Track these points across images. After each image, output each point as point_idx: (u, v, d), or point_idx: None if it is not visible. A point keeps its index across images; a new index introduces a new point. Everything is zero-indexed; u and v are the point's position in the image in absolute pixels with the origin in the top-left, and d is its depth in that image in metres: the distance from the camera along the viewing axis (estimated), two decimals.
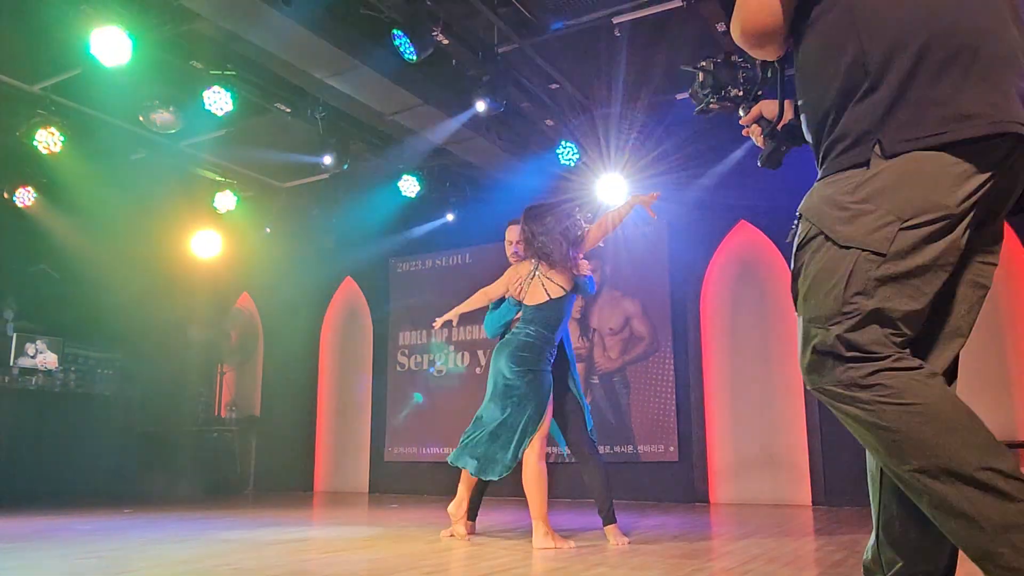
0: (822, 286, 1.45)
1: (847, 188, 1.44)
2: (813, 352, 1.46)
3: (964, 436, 1.32)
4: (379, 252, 8.79)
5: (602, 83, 6.65)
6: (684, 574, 2.90)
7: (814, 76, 1.54)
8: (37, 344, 7.91)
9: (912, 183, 1.39)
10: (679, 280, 7.25)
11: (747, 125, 1.86)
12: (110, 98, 6.10)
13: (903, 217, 1.39)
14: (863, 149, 1.43)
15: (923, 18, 1.40)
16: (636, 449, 7.15)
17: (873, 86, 1.42)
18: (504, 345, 3.99)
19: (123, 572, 3.02)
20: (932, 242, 1.39)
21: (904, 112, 1.39)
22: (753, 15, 1.55)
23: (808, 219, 1.50)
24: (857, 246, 1.41)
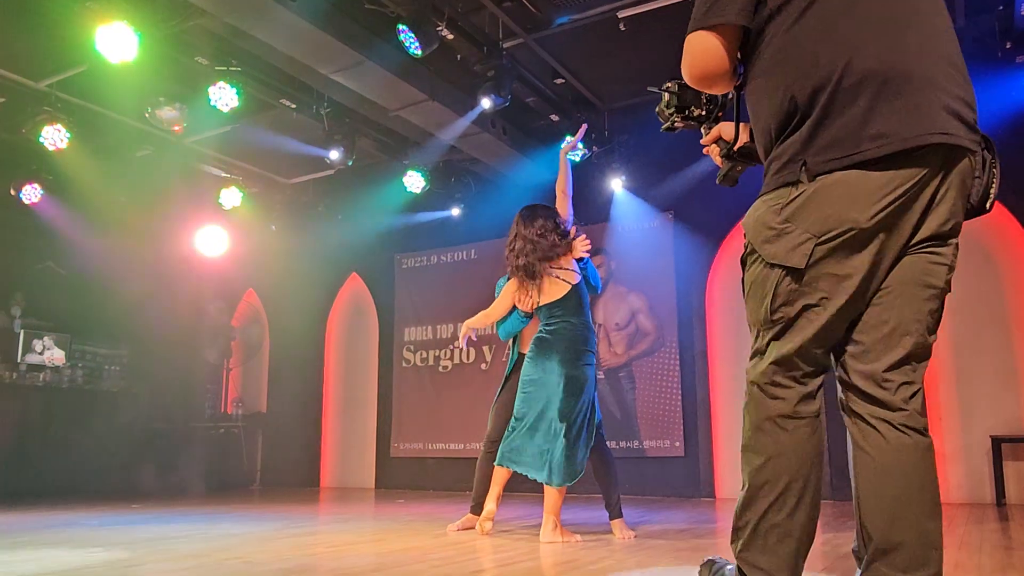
0: (755, 297, 1.68)
1: (774, 208, 1.63)
2: (751, 354, 1.74)
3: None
4: (384, 248, 8.80)
5: (607, 78, 6.64)
6: (690, 566, 2.90)
7: (758, 108, 1.71)
8: (44, 341, 7.94)
9: (828, 201, 1.56)
10: (685, 275, 7.24)
11: (707, 145, 2.02)
12: (116, 95, 6.11)
13: (818, 234, 1.56)
14: (792, 170, 1.60)
15: (839, 54, 1.57)
16: (642, 444, 7.15)
17: (802, 116, 1.59)
18: (550, 343, 3.88)
19: (134, 566, 3.04)
20: (846, 255, 1.57)
21: (824, 137, 1.57)
22: (699, 60, 1.69)
23: (746, 235, 1.70)
24: (780, 263, 1.61)
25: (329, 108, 6.54)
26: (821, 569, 2.86)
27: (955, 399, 6.08)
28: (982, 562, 3.00)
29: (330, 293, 9.25)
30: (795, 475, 1.64)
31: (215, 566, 2.99)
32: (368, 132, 7.09)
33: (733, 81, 1.76)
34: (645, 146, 7.38)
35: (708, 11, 1.67)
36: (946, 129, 1.53)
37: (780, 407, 1.66)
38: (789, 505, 1.64)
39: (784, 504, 1.63)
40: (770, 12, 1.65)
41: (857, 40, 1.57)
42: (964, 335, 6.13)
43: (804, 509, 1.66)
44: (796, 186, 1.60)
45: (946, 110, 1.55)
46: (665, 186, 7.39)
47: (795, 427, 1.65)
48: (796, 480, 1.64)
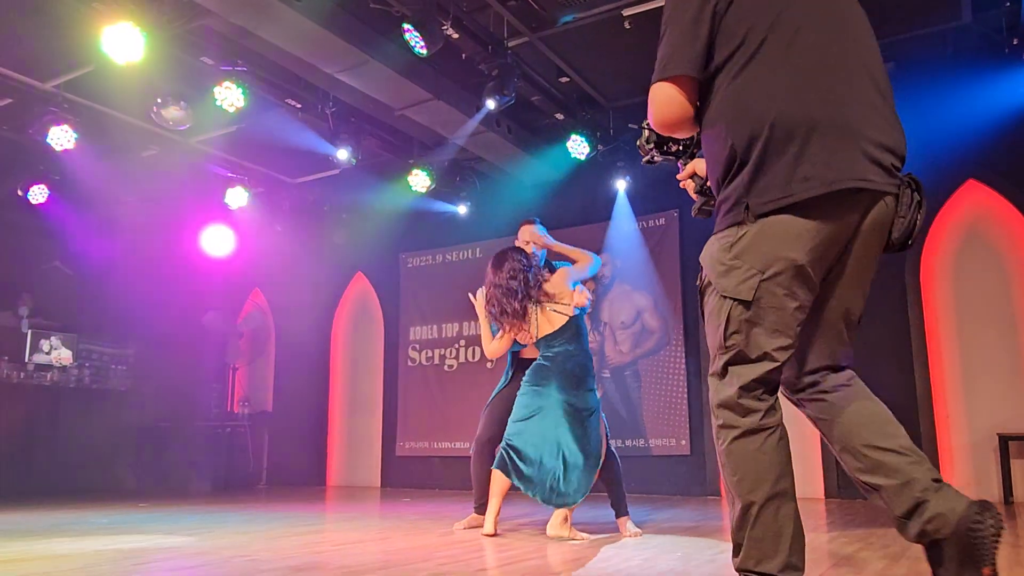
0: (711, 324, 1.84)
1: (725, 246, 1.80)
2: (709, 373, 1.88)
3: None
4: (390, 247, 8.81)
5: (612, 76, 6.63)
6: (697, 565, 2.90)
7: (708, 154, 1.88)
8: (52, 340, 7.97)
9: (768, 240, 1.73)
10: (691, 273, 7.23)
11: (682, 180, 2.17)
12: (122, 95, 6.14)
13: (763, 270, 1.73)
14: (738, 212, 1.77)
15: (771, 106, 1.72)
16: (648, 443, 7.15)
17: (742, 163, 1.75)
18: (549, 370, 3.90)
19: (142, 564, 3.05)
20: (788, 287, 1.73)
21: (762, 181, 1.73)
22: (662, 108, 1.85)
23: (704, 268, 1.88)
24: (730, 296, 1.77)
25: (335, 107, 6.55)
26: (826, 569, 2.85)
27: (962, 397, 6.07)
28: None
29: (335, 292, 9.26)
30: (774, 482, 1.75)
31: (222, 564, 3.00)
32: (373, 131, 7.10)
33: (695, 127, 1.90)
34: None
35: (666, 64, 1.83)
36: (865, 176, 1.71)
37: (748, 423, 1.78)
38: (773, 509, 1.75)
39: (769, 510, 1.75)
40: (716, 66, 1.80)
41: (788, 92, 1.73)
42: (971, 333, 6.11)
43: (788, 509, 1.77)
44: (741, 226, 1.77)
45: (866, 156, 1.72)
46: (670, 184, 7.34)
47: (764, 438, 1.78)
48: (776, 485, 1.76)
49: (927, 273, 6.32)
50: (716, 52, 1.80)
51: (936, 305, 6.29)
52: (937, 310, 6.28)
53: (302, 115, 6.57)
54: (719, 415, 1.82)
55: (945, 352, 6.21)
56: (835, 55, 1.77)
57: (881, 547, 3.35)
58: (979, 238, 6.16)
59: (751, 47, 1.76)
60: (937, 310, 6.28)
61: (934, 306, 6.29)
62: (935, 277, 6.32)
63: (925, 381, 6.16)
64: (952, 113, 5.89)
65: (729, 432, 1.80)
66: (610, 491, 3.98)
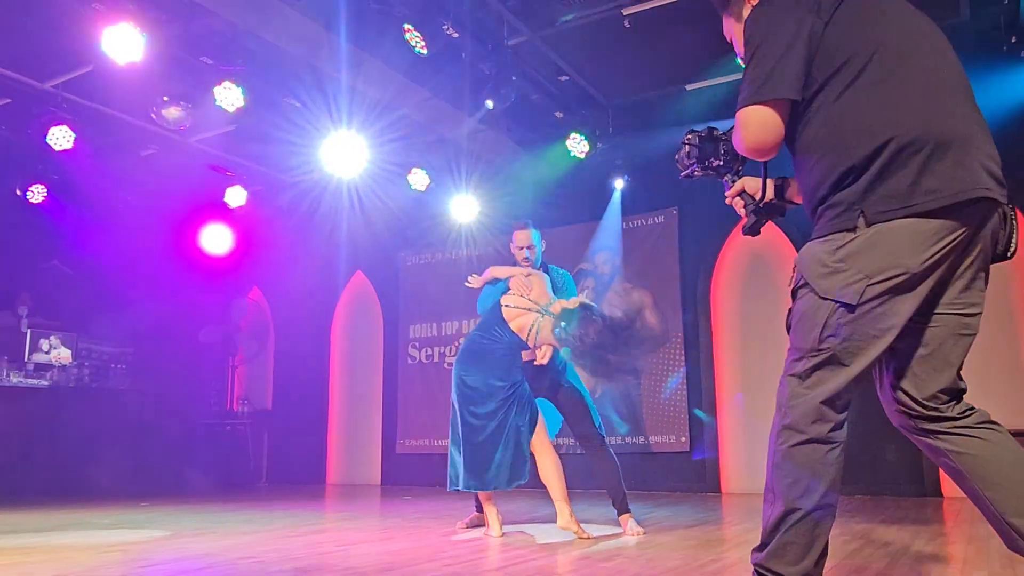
0: (804, 326, 1.82)
1: (830, 249, 1.79)
2: (788, 373, 1.87)
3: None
4: (389, 246, 8.81)
5: (612, 74, 6.64)
6: (700, 564, 2.92)
7: (809, 167, 1.87)
8: (51, 340, 7.97)
9: (882, 247, 1.73)
10: (690, 271, 7.25)
11: (731, 197, 2.19)
12: (121, 95, 6.13)
13: (871, 275, 1.73)
14: (850, 217, 1.76)
15: (890, 124, 1.75)
16: (648, 440, 7.17)
17: (858, 174, 1.76)
18: (476, 354, 3.98)
19: (148, 565, 3.06)
20: (895, 295, 1.73)
21: (880, 190, 1.74)
22: (756, 133, 1.84)
23: (799, 270, 1.86)
24: (833, 298, 1.76)
25: (334, 107, 6.54)
26: (827, 568, 2.87)
27: None
28: (991, 557, 3.02)
29: (335, 291, 9.27)
30: (823, 494, 1.77)
31: (229, 565, 3.02)
32: (373, 130, 7.09)
33: (778, 149, 1.90)
34: (649, 142, 7.38)
35: (763, 86, 1.81)
36: (985, 185, 1.73)
37: (816, 431, 1.79)
38: (814, 521, 1.77)
39: (810, 520, 1.77)
40: (819, 85, 1.82)
41: (907, 109, 1.76)
42: None
43: (826, 525, 1.79)
44: (853, 231, 1.76)
45: (983, 168, 1.75)
46: (669, 181, 7.38)
47: (827, 451, 1.80)
48: (824, 497, 1.78)
49: None
50: (815, 73, 1.82)
51: None
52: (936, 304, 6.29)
53: (302, 114, 6.56)
54: (790, 415, 1.82)
55: None
56: (942, 76, 1.82)
57: (882, 545, 3.37)
58: None
59: (855, 68, 1.79)
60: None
61: None
62: None
63: None
64: None
65: (795, 435, 1.80)
66: (609, 489, 4.00)
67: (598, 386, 7.43)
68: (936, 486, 6.01)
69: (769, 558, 1.80)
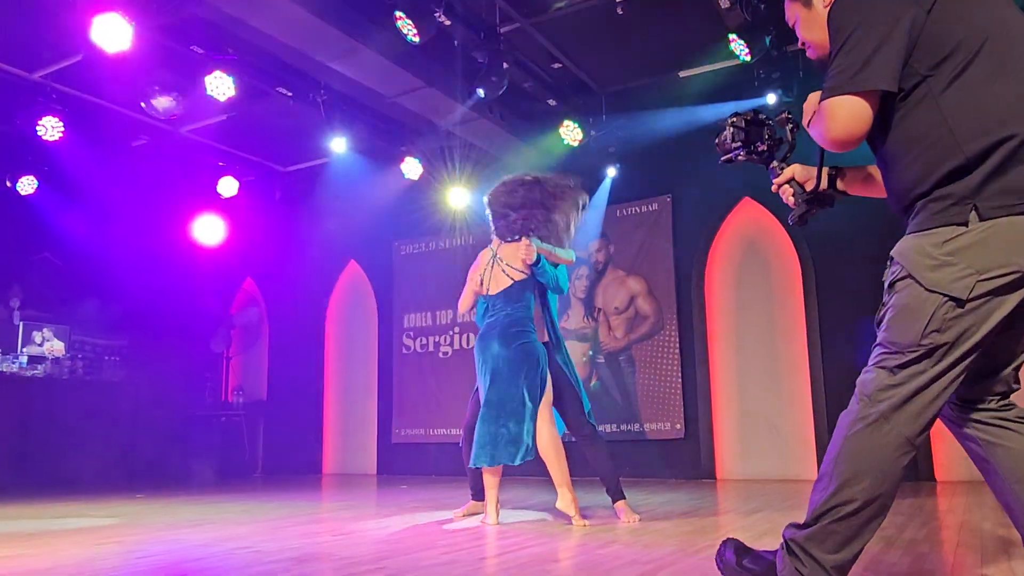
0: (905, 319, 1.75)
1: (936, 242, 1.72)
2: (877, 365, 1.82)
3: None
4: (382, 235, 8.80)
5: (605, 62, 6.62)
6: (697, 550, 2.94)
7: (907, 162, 1.80)
8: (44, 332, 7.93)
9: (995, 243, 1.67)
10: (684, 258, 7.26)
11: (780, 185, 2.11)
12: (111, 85, 6.09)
13: (981, 271, 1.66)
14: (961, 211, 1.70)
15: (1008, 117, 1.69)
16: (642, 427, 7.19)
17: (971, 167, 1.69)
18: (486, 336, 4.02)
19: (144, 556, 3.06)
20: (1001, 295, 1.67)
21: (997, 185, 1.68)
22: (847, 124, 1.76)
23: (900, 263, 1.79)
24: (940, 291, 1.70)
25: (326, 96, 6.51)
26: None
27: None
28: (984, 541, 3.04)
29: (329, 281, 9.25)
30: (885, 496, 1.76)
31: (227, 555, 3.02)
32: (365, 119, 7.07)
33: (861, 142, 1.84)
34: (642, 129, 7.37)
35: (857, 76, 1.73)
36: None
37: (900, 431, 1.75)
38: (868, 515, 1.76)
39: (862, 517, 1.75)
40: (921, 76, 1.75)
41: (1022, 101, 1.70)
42: None
43: (877, 522, 1.78)
44: (964, 225, 1.69)
45: None
46: (663, 169, 7.40)
47: (903, 453, 1.76)
48: (883, 499, 1.76)
49: None
50: (915, 63, 1.75)
51: None
52: None
53: (293, 103, 6.53)
54: (875, 408, 1.78)
55: None
56: None
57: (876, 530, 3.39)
58: None
59: (963, 57, 1.73)
60: None
61: None
62: None
63: None
64: None
65: (873, 429, 1.76)
66: (602, 476, 4.01)
67: (593, 374, 7.46)
68: (930, 471, 6.05)
69: (808, 540, 1.78)
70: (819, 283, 6.60)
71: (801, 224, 2.10)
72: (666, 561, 2.68)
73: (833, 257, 6.56)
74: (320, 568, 2.72)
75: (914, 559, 2.63)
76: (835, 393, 6.44)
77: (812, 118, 1.90)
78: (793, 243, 6.73)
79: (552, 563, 2.82)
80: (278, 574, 2.61)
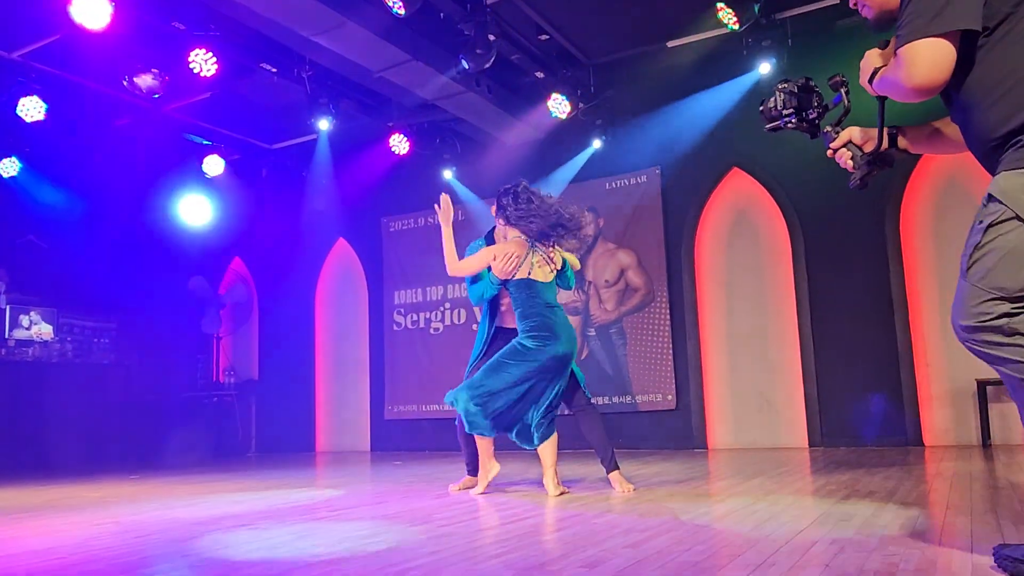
0: (1013, 263, 1.66)
1: None
2: (979, 316, 1.71)
3: None
4: (371, 212, 8.76)
5: (592, 33, 6.57)
6: (691, 517, 2.97)
7: (990, 102, 1.74)
8: (31, 315, 7.88)
9: None
10: (673, 230, 7.26)
11: (836, 149, 2.06)
12: (92, 63, 6.00)
13: None
14: None
15: None
16: (634, 399, 7.24)
17: None
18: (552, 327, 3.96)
19: (141, 536, 3.07)
20: None
21: None
22: (930, 69, 1.69)
23: (1002, 203, 1.69)
24: None
25: (311, 71, 6.44)
26: (814, 518, 2.92)
27: (941, 344, 6.18)
28: (973, 501, 3.09)
29: (317, 258, 9.22)
30: None
31: (223, 534, 3.03)
32: (351, 94, 7.00)
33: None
34: (631, 101, 7.34)
35: (937, 17, 1.66)
36: None
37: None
38: None
39: None
40: (1003, 15, 1.70)
41: None
42: (950, 280, 6.20)
43: None
44: None
45: None
46: (651, 141, 7.38)
47: None
48: None
49: (907, 225, 6.39)
50: (994, 2, 1.69)
51: (915, 257, 6.37)
52: (916, 262, 6.37)
53: (278, 80, 6.46)
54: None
55: (924, 299, 6.31)
56: None
57: (867, 494, 3.44)
58: (960, 188, 6.21)
59: None
60: (916, 262, 6.37)
61: (913, 258, 6.37)
62: (914, 229, 6.39)
63: (905, 331, 6.26)
64: None
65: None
66: (596, 447, 4.04)
67: (584, 347, 7.49)
68: (918, 436, 6.13)
69: None
70: (808, 252, 6.62)
71: (862, 187, 2.05)
72: (662, 529, 2.71)
73: (822, 226, 6.58)
74: (318, 542, 2.74)
75: (905, 521, 2.67)
76: (824, 361, 6.49)
77: (880, 72, 1.85)
78: (782, 213, 6.74)
79: (549, 533, 2.85)
80: (277, 549, 2.62)
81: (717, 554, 2.29)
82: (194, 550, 2.70)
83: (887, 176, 6.58)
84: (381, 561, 2.31)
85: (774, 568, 2.00)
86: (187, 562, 2.51)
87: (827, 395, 6.44)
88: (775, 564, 2.05)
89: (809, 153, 6.65)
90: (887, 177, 6.35)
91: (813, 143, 2.28)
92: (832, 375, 6.44)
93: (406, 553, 2.43)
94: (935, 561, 2.03)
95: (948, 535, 2.41)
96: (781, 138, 6.58)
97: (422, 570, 2.15)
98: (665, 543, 2.42)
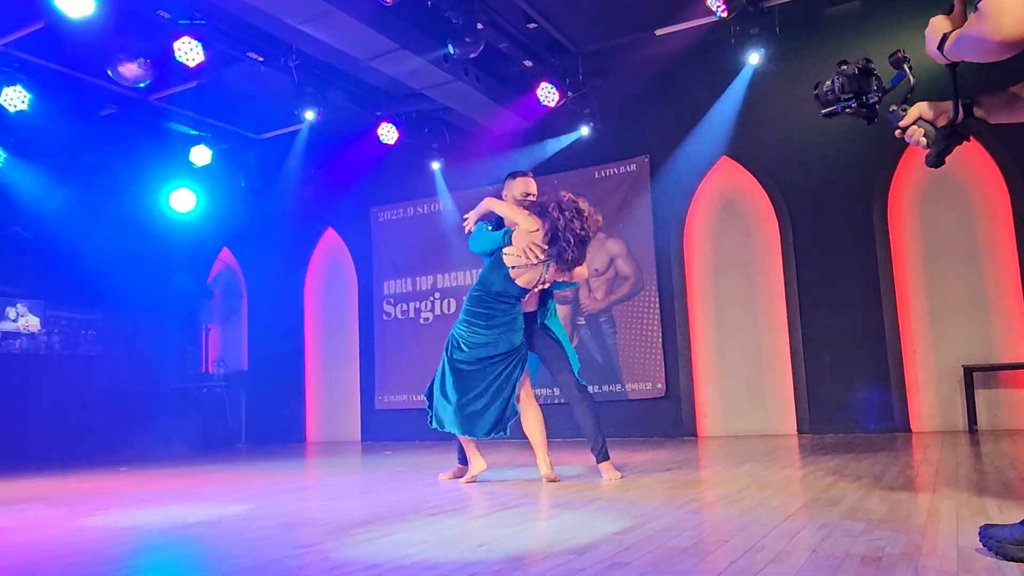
0: None
1: None
2: None
3: None
4: (360, 201, 8.73)
5: (581, 21, 6.55)
6: (681, 503, 2.98)
7: None
8: (18, 307, 7.83)
9: None
10: (663, 218, 7.27)
11: (906, 127, 1.95)
12: (77, 52, 5.94)
13: None
14: None
15: None
16: (624, 387, 7.26)
17: None
18: (485, 316, 3.96)
19: (133, 527, 3.06)
20: None
21: None
22: (1017, 21, 1.55)
23: None
24: None
25: (298, 60, 6.40)
26: (803, 503, 2.95)
27: (927, 330, 6.23)
28: (960, 486, 3.12)
29: (306, 248, 9.18)
30: None
31: (213, 524, 3.03)
32: (339, 84, 6.96)
33: None
34: (619, 90, 7.33)
35: None
36: None
37: None
38: None
39: None
40: None
41: None
42: (936, 267, 6.25)
43: None
44: None
45: None
46: (640, 129, 7.37)
47: None
48: None
49: (894, 210, 6.42)
50: None
51: (902, 242, 6.41)
52: (903, 246, 6.40)
53: (265, 69, 6.42)
54: None
55: (911, 287, 6.35)
56: None
57: (855, 479, 3.47)
58: (948, 177, 6.23)
59: None
60: (903, 246, 6.40)
61: (900, 243, 6.41)
62: (901, 214, 6.43)
63: (892, 316, 6.31)
64: None
65: None
66: (588, 437, 4.04)
67: (574, 336, 7.50)
68: (905, 422, 6.18)
69: None
70: (796, 241, 6.65)
71: (938, 164, 1.94)
72: (651, 515, 2.72)
73: (810, 215, 6.61)
74: (309, 532, 2.74)
75: (892, 505, 2.70)
76: (812, 349, 6.53)
77: (954, 34, 1.74)
78: (771, 201, 6.76)
79: (538, 521, 2.86)
80: (268, 539, 2.62)
81: (706, 539, 2.31)
82: (185, 542, 2.70)
83: (875, 166, 6.63)
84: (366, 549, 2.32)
85: (763, 552, 2.02)
86: (175, 552, 2.51)
87: (815, 382, 6.48)
88: (764, 548, 2.06)
89: (798, 142, 6.68)
90: (875, 166, 6.41)
91: (801, 133, 2.27)
92: (820, 362, 6.48)
93: (396, 540, 2.44)
94: (921, 545, 2.05)
95: (934, 519, 2.43)
96: (771, 127, 6.65)
97: (410, 558, 2.16)
98: (655, 529, 2.44)
